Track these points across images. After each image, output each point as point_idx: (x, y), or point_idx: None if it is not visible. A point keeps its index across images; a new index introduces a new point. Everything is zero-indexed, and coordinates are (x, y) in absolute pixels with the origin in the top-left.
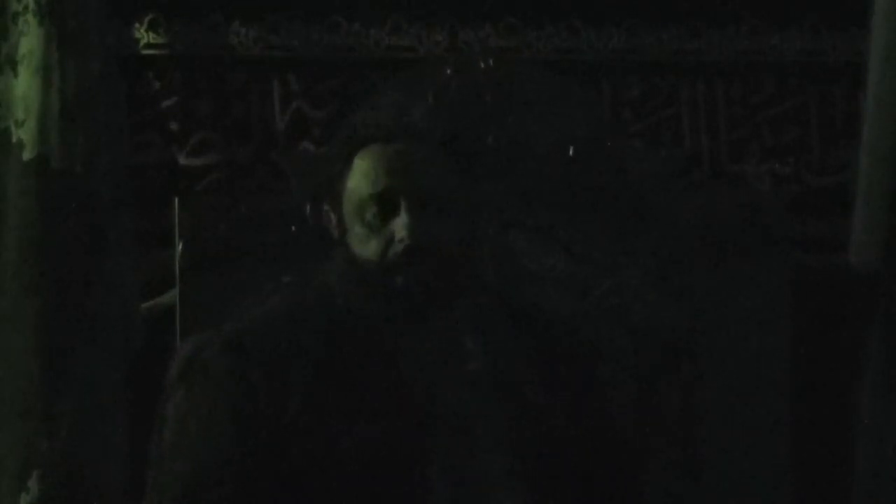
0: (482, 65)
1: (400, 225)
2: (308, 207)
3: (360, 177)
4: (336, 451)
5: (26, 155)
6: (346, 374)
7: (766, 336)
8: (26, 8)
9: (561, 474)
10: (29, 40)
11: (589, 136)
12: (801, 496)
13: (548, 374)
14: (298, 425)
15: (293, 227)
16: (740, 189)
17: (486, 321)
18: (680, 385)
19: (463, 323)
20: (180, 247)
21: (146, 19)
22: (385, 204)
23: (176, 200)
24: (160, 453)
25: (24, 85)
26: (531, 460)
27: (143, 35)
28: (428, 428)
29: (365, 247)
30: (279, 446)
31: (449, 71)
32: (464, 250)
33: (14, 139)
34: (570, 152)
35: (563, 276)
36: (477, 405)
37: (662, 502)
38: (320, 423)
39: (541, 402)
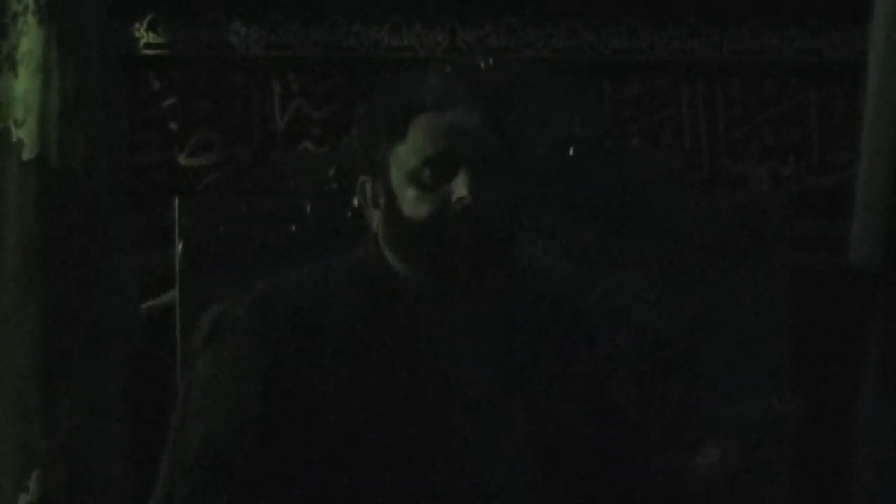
0: (482, 65)
1: (460, 183)
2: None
3: (420, 138)
4: (358, 418)
5: (26, 155)
6: (374, 342)
7: (765, 336)
8: (26, 8)
9: (574, 464)
10: (29, 40)
11: (589, 136)
12: (801, 496)
13: (565, 362)
14: (322, 390)
15: (293, 227)
16: (740, 189)
17: (515, 303)
18: (680, 385)
19: (494, 301)
20: (180, 247)
21: (146, 19)
22: (443, 166)
23: (176, 200)
24: (185, 412)
25: (24, 85)
26: (547, 449)
27: (143, 35)
28: (451, 402)
29: (419, 208)
30: (303, 409)
31: (449, 71)
32: (513, 222)
33: (14, 139)
34: (571, 152)
35: (563, 275)
36: (499, 385)
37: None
38: (344, 389)
39: (557, 391)
